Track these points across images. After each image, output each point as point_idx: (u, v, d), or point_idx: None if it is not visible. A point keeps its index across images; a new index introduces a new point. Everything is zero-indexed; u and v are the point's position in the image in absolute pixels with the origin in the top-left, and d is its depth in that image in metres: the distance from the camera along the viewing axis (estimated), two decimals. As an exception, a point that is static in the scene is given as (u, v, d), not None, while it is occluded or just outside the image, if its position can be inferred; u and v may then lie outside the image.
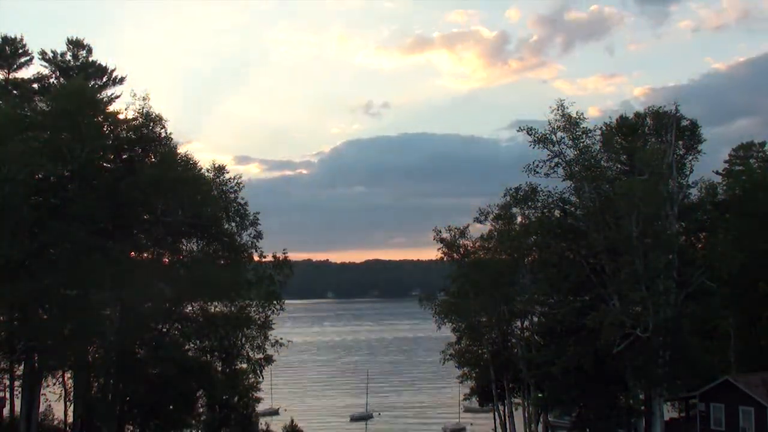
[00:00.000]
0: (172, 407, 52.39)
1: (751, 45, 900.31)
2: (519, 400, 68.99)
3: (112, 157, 54.38)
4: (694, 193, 60.02)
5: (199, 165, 55.54)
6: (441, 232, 68.61)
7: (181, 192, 50.57)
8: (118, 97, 62.71)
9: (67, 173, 51.29)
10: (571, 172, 55.99)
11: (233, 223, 56.66)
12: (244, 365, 57.88)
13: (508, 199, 61.55)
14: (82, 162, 50.00)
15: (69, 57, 62.28)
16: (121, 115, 55.02)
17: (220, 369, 56.65)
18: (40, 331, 48.24)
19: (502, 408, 69.78)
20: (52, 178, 50.99)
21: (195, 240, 55.98)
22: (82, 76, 58.54)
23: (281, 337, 57.69)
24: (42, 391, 53.58)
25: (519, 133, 57.60)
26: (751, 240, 58.53)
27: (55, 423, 60.93)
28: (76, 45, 62.75)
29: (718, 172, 78.75)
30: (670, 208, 56.01)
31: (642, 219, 53.62)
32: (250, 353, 57.08)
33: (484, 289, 63.53)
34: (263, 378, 60.75)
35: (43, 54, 61.75)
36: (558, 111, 55.57)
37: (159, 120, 53.78)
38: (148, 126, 53.60)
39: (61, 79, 61.15)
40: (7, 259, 44.64)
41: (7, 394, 56.42)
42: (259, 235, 57.13)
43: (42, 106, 56.46)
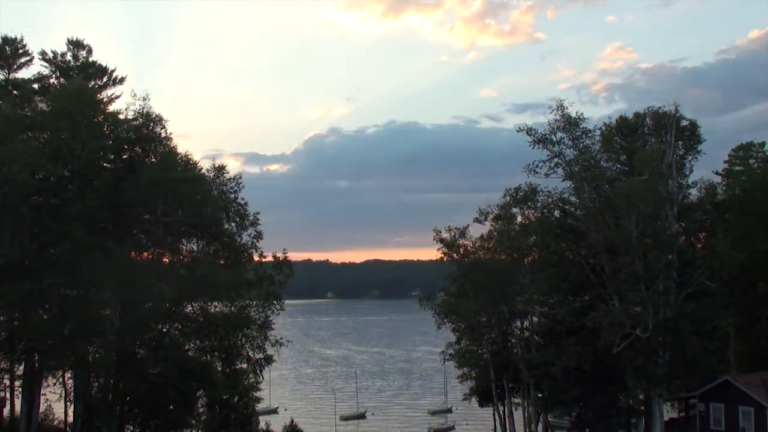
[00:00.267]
0: (172, 407, 52.22)
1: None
2: (519, 400, 68.97)
3: (112, 157, 54.31)
4: (694, 193, 60.21)
5: (199, 165, 55.73)
6: (441, 232, 68.70)
7: (181, 192, 50.49)
8: (118, 97, 62.90)
9: (67, 173, 51.27)
10: (570, 173, 56.07)
11: (233, 223, 56.73)
12: (244, 365, 57.95)
13: (508, 199, 61.73)
14: (82, 162, 50.01)
15: (69, 57, 62.33)
16: (121, 115, 55.00)
17: (220, 369, 56.64)
18: (40, 331, 48.18)
19: (501, 408, 69.77)
20: (52, 178, 50.93)
21: (195, 240, 55.96)
22: (82, 76, 58.51)
23: (281, 337, 57.81)
24: (42, 391, 53.53)
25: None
26: (751, 240, 58.65)
27: (55, 423, 60.92)
28: (76, 45, 62.76)
29: (717, 173, 78.77)
30: (669, 208, 56.06)
31: (642, 219, 53.67)
32: (250, 353, 57.19)
33: (484, 289, 63.51)
34: (263, 378, 60.86)
35: (43, 54, 61.80)
36: (558, 111, 55.77)
37: (159, 120, 53.82)
38: (148, 126, 53.56)
39: (61, 79, 61.14)
40: (7, 259, 44.66)
41: (7, 394, 56.34)
42: (259, 235, 57.30)
43: (42, 106, 56.46)
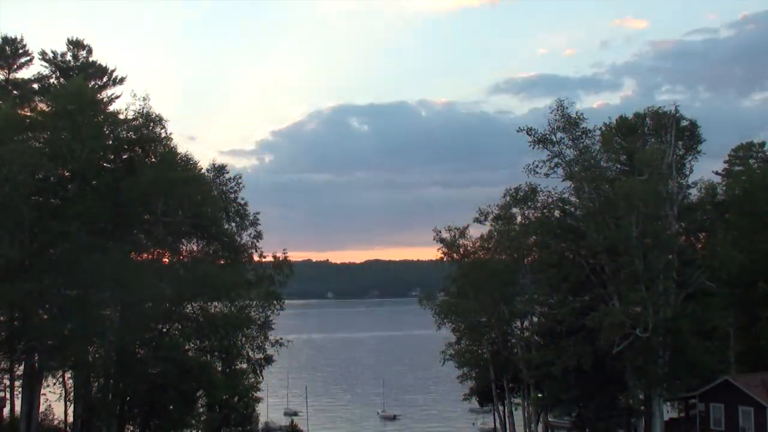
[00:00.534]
0: (172, 407, 52.33)
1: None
2: (519, 400, 68.98)
3: (112, 157, 54.37)
4: (694, 193, 60.20)
5: (199, 165, 55.75)
6: (441, 232, 68.74)
7: (181, 192, 50.54)
8: (118, 97, 62.85)
9: (67, 173, 51.38)
10: (570, 173, 56.05)
11: (233, 223, 56.75)
12: (244, 365, 57.96)
13: (508, 199, 61.73)
14: (82, 162, 50.01)
15: (69, 57, 62.27)
16: (121, 115, 55.03)
17: (220, 369, 56.67)
18: (40, 331, 48.22)
19: (501, 408, 69.78)
20: (52, 178, 51.01)
21: (195, 240, 56.02)
22: (82, 76, 58.47)
23: (281, 337, 57.79)
24: (42, 391, 53.53)
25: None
26: (751, 240, 58.65)
27: (55, 423, 60.83)
28: (76, 45, 62.70)
29: (717, 173, 78.83)
30: (669, 208, 56.04)
31: (642, 219, 53.65)
32: (250, 353, 57.20)
33: (484, 289, 63.53)
34: (263, 378, 60.84)
35: (43, 54, 61.77)
36: (558, 111, 55.74)
37: (159, 120, 53.88)
38: (148, 126, 53.61)
39: (61, 79, 61.10)
40: (7, 259, 44.68)
41: (7, 394, 56.30)
42: (259, 235, 57.34)
43: (42, 106, 56.49)
